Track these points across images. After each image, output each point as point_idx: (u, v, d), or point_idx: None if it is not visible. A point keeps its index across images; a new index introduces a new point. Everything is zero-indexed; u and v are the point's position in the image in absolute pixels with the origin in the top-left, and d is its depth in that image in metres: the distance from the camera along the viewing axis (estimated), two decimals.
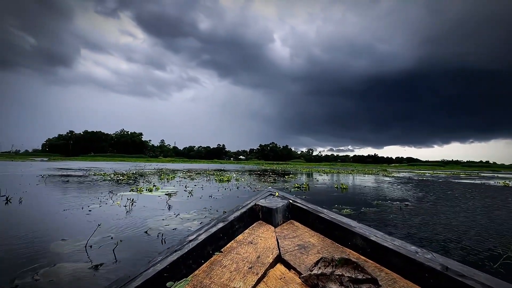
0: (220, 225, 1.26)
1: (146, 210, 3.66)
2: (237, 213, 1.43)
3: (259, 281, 0.94)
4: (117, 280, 0.84)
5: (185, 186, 6.60)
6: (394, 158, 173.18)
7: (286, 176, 12.77)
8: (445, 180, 13.83)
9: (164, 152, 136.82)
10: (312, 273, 0.88)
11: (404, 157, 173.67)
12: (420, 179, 13.65)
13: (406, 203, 4.99)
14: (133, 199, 4.22)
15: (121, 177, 9.35)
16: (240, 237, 1.31)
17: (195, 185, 7.00)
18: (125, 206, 3.86)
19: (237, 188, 6.72)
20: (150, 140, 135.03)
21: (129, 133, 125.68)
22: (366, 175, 16.68)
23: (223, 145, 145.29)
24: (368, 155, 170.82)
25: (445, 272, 0.84)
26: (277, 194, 1.84)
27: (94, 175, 10.32)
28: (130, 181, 8.11)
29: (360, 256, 1.11)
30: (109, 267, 1.80)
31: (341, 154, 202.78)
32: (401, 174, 19.67)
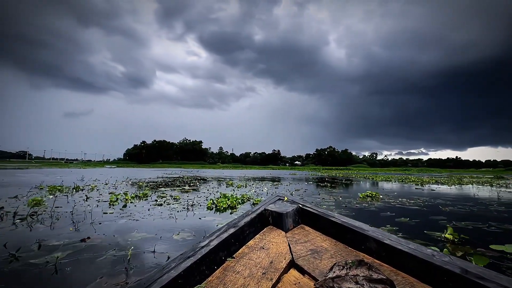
0: (231, 230, 1.22)
1: None
2: (247, 219, 1.37)
3: (273, 286, 0.91)
4: (131, 287, 0.80)
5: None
6: (483, 161, 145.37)
7: (366, 196, 7.02)
8: None
9: (222, 158, 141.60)
10: (327, 277, 0.84)
11: (498, 160, 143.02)
12: None
13: None
14: None
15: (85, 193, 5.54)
16: (251, 242, 1.27)
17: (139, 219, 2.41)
18: None
19: None
20: (210, 148, 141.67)
21: (190, 141, 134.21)
22: (503, 189, 9.29)
23: (278, 150, 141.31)
24: (448, 158, 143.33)
25: (465, 275, 0.79)
26: (286, 198, 1.75)
27: (49, 189, 6.86)
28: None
29: (375, 260, 1.07)
30: None
31: (411, 157, 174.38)
32: None
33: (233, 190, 7.25)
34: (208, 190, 7.20)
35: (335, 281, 0.81)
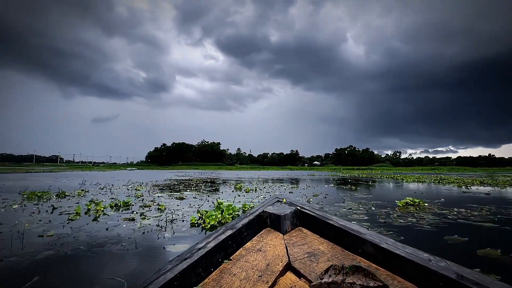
0: (229, 232, 1.20)
1: None
2: (245, 220, 1.35)
3: None
4: None
5: None
6: None
7: (407, 205, 5.62)
8: None
9: (240, 159, 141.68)
10: (322, 281, 0.82)
11: None
12: None
13: None
14: None
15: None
16: (248, 244, 1.25)
17: None
18: None
19: None
20: (228, 149, 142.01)
21: (208, 143, 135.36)
22: None
23: (296, 150, 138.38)
24: (479, 156, 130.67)
25: (460, 280, 0.78)
26: (284, 200, 1.71)
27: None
28: None
29: (371, 263, 1.05)
30: None
31: (439, 156, 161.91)
32: None
33: (238, 195, 6.10)
34: (209, 196, 6.11)
35: (331, 287, 0.79)
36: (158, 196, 5.86)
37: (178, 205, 4.55)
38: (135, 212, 3.88)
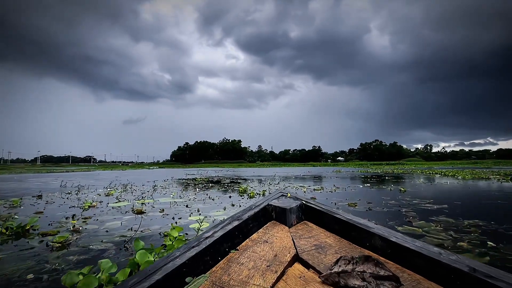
0: (236, 223, 1.20)
1: None
2: (251, 213, 1.34)
3: (278, 279, 0.87)
4: (137, 274, 0.80)
5: None
6: None
7: None
8: None
9: (262, 156, 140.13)
10: (332, 271, 0.82)
11: None
12: None
13: None
14: None
15: None
16: (254, 235, 1.24)
17: None
18: None
19: None
20: (249, 147, 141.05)
21: (230, 140, 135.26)
22: None
23: (319, 146, 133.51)
24: None
25: (473, 273, 0.75)
26: (289, 195, 1.70)
27: None
28: None
29: (380, 257, 1.01)
30: None
31: (475, 149, 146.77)
32: None
33: (233, 205, 4.05)
34: (189, 206, 4.12)
35: (341, 276, 0.79)
36: (113, 207, 3.98)
37: (107, 231, 2.59)
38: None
